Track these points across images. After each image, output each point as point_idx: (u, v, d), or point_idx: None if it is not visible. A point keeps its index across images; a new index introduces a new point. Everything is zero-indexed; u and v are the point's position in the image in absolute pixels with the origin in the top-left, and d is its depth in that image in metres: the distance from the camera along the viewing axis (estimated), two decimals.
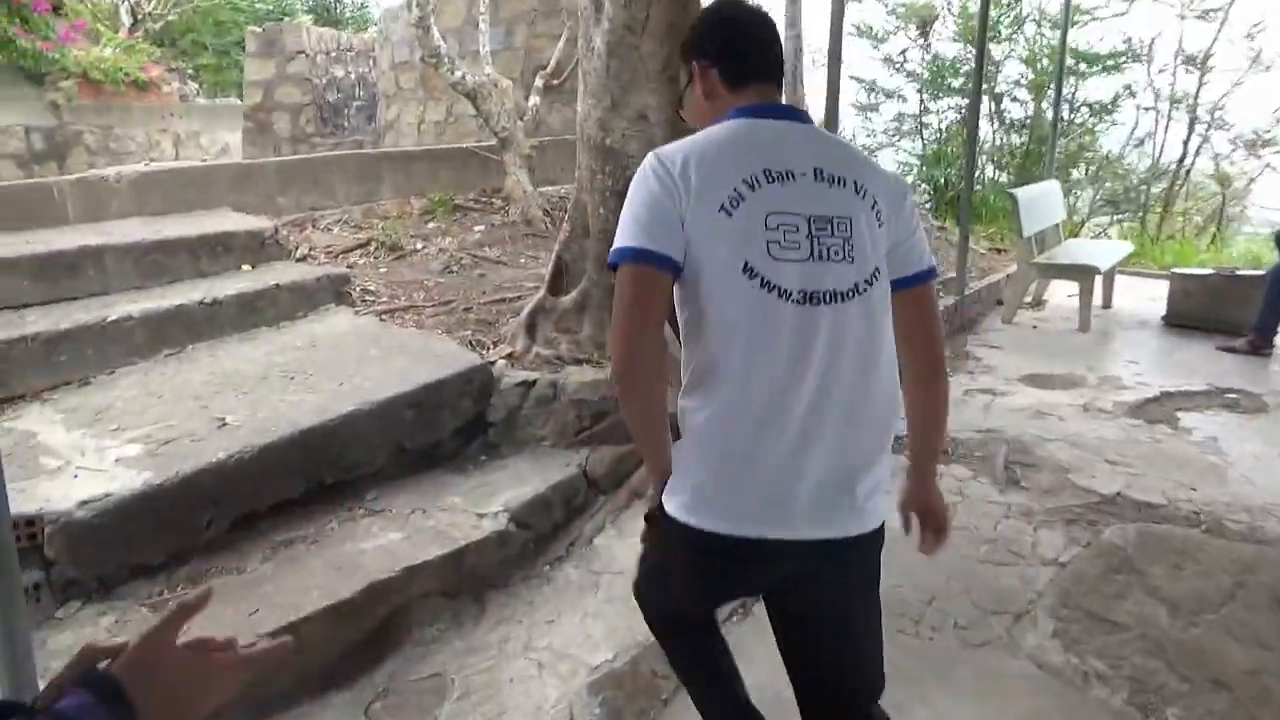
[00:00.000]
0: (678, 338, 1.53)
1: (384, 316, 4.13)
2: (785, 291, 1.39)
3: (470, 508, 3.10)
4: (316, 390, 3.35)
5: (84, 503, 2.61)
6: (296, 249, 4.90)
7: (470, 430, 3.53)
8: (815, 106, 6.24)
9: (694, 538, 1.46)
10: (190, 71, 12.43)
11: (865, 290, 1.44)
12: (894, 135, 12.28)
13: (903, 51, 11.92)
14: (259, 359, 3.71)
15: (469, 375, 3.54)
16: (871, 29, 11.90)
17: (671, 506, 1.49)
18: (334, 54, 9.03)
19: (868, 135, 12.48)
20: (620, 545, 3.20)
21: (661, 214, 1.41)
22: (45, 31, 10.46)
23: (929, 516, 1.68)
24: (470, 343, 3.90)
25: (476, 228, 5.47)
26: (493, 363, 3.70)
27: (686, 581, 1.65)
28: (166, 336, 3.78)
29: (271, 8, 14.93)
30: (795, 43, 6.27)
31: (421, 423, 3.32)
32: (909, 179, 11.05)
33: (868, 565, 1.57)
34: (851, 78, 12.08)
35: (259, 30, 8.48)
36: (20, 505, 2.59)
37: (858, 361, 1.44)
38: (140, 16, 12.59)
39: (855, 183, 1.48)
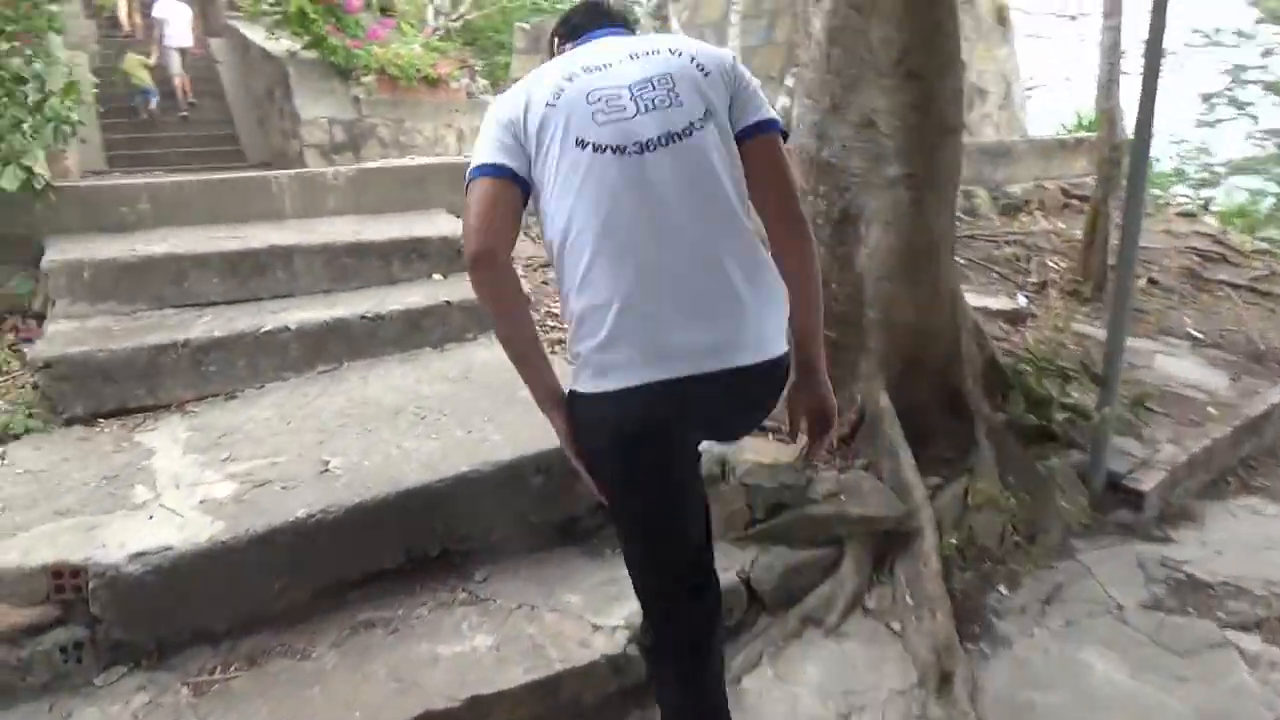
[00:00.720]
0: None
1: (557, 348, 3.59)
2: (616, 147, 1.56)
3: (587, 613, 2.45)
4: (440, 436, 2.85)
5: (137, 555, 2.26)
6: None
7: None
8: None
9: (609, 412, 1.57)
10: (482, 68, 12.87)
11: (699, 129, 1.59)
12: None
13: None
14: (405, 388, 3.29)
15: None
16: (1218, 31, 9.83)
17: (580, 389, 1.60)
18: None
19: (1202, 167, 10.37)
20: (778, 694, 2.42)
21: (505, 134, 1.61)
22: (354, 30, 11.18)
23: (819, 415, 1.72)
24: None
25: None
26: None
27: (629, 483, 1.65)
28: (323, 351, 3.47)
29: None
30: (1113, 36, 4.96)
31: (550, 493, 2.72)
32: None
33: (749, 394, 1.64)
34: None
35: (527, 26, 8.37)
36: (83, 547, 2.31)
37: (704, 195, 1.56)
38: (444, 15, 13.22)
39: (669, 49, 1.67)
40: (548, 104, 1.60)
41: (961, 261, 4.80)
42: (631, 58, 1.66)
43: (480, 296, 1.62)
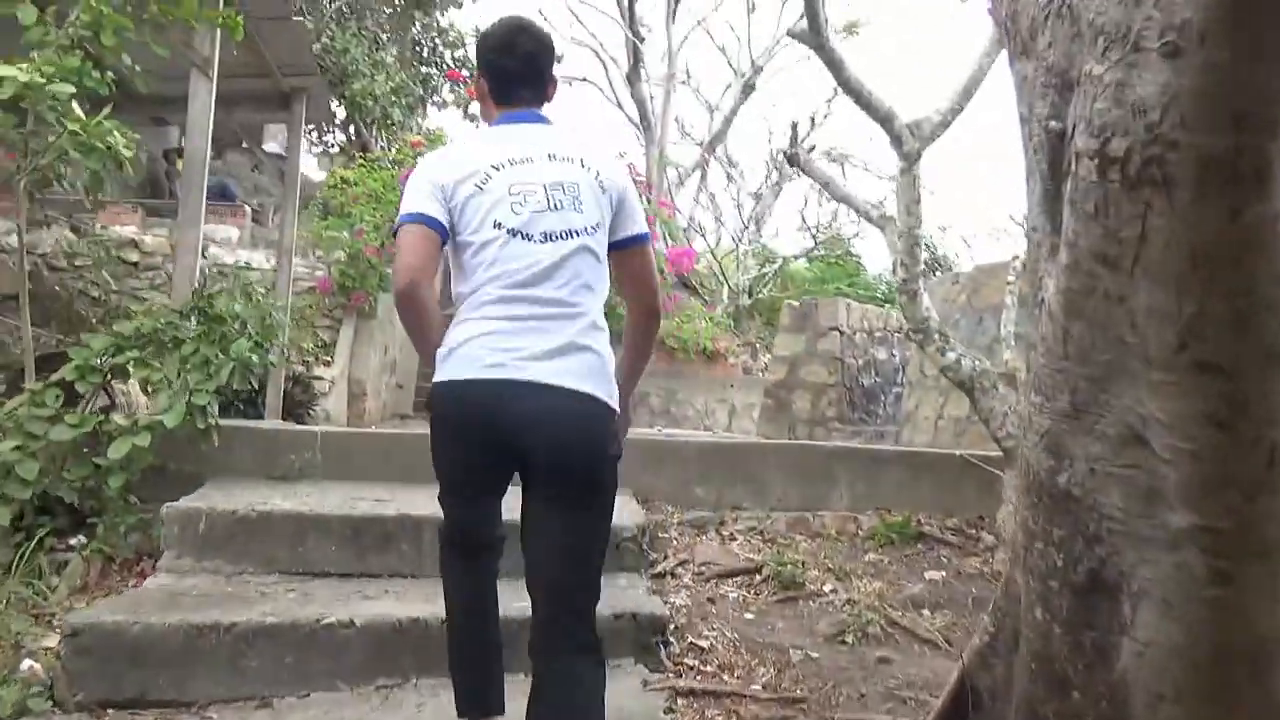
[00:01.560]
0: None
1: (681, 702, 2.62)
2: (524, 234, 2.02)
3: None
4: None
5: None
6: (665, 558, 3.69)
7: None
8: None
9: (437, 394, 2.06)
10: (761, 346, 12.69)
11: (593, 233, 2.07)
12: None
13: None
14: None
15: None
16: None
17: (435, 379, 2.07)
18: (878, 334, 8.08)
19: None
20: None
21: (435, 196, 2.05)
22: None
23: (621, 423, 2.14)
24: None
25: (928, 573, 3.68)
26: None
27: (443, 446, 2.13)
28: (388, 659, 2.76)
29: (855, 286, 14.88)
30: None
31: None
32: None
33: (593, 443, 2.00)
34: None
35: (795, 304, 7.93)
36: None
37: (579, 284, 2.03)
38: (741, 293, 13.40)
39: (581, 161, 2.12)
40: (476, 186, 2.04)
41: None
42: (550, 158, 2.09)
43: (404, 320, 2.11)
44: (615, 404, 2.04)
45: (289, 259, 7.59)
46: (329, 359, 10.13)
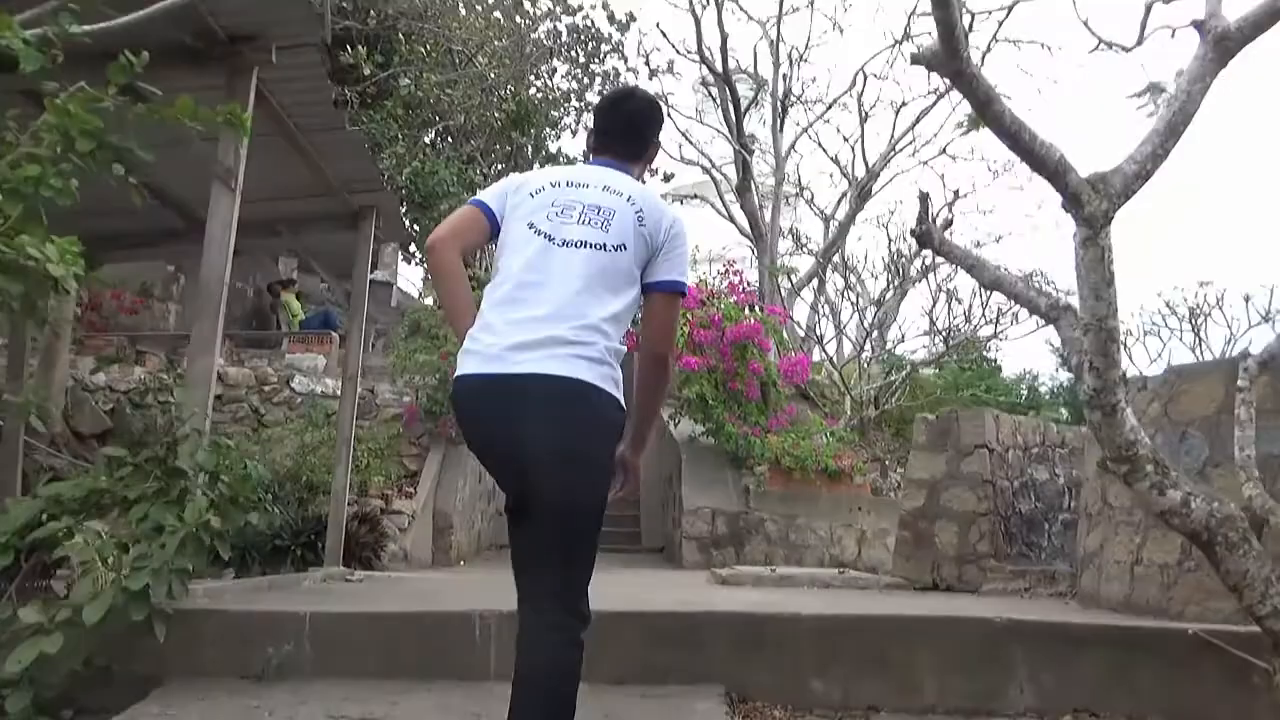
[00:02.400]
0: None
1: None
2: (548, 236, 2.23)
3: None
4: None
5: None
6: None
7: None
8: None
9: (457, 387, 2.21)
10: (891, 461, 11.27)
11: (614, 251, 2.22)
12: None
13: None
14: None
15: None
16: None
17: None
18: (1034, 449, 6.68)
19: None
20: None
21: (499, 192, 2.39)
22: (756, 417, 10.35)
23: (628, 469, 2.33)
24: None
25: None
26: None
27: (471, 440, 2.27)
28: None
29: (993, 392, 13.31)
30: None
31: None
32: None
33: (576, 408, 2.11)
34: None
35: (931, 418, 6.65)
36: None
37: (587, 285, 2.17)
38: (866, 405, 12.09)
39: (628, 196, 2.30)
40: (530, 193, 2.34)
41: None
42: (603, 189, 2.33)
43: (431, 270, 2.43)
44: (618, 394, 2.17)
45: (354, 386, 6.87)
46: (412, 489, 9.40)
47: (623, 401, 2.18)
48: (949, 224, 3.76)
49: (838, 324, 15.85)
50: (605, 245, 2.21)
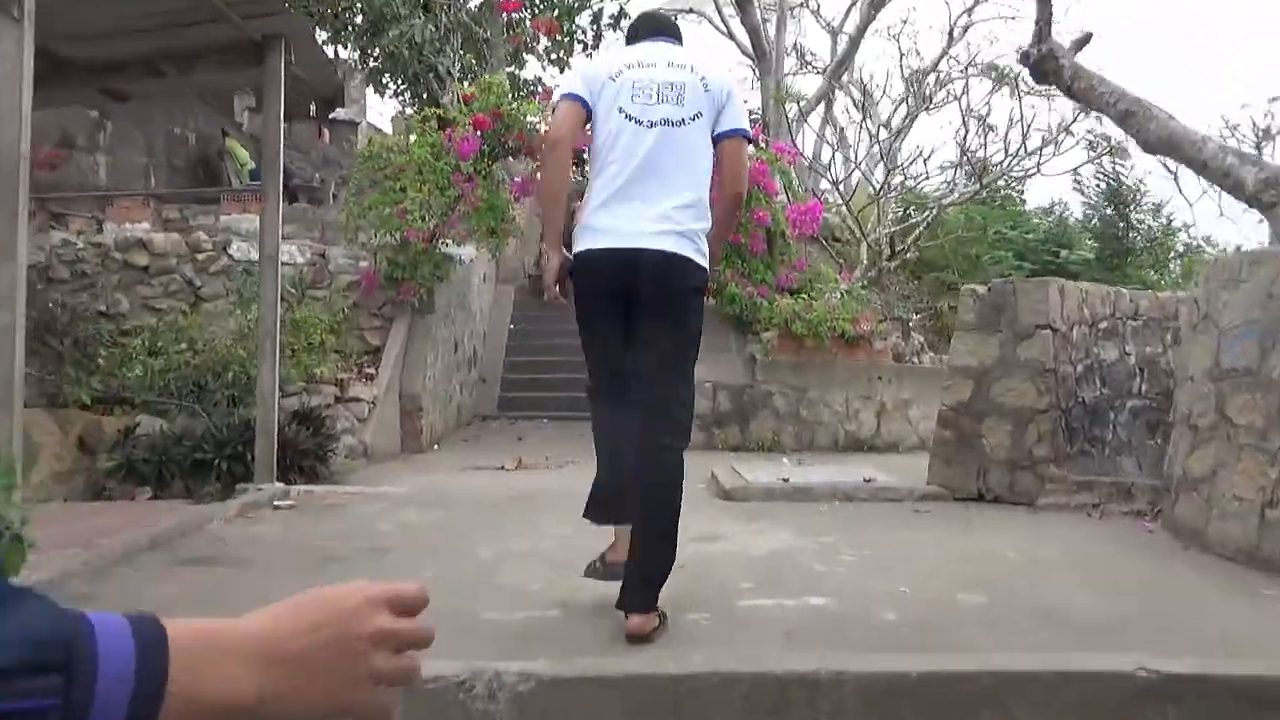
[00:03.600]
0: None
1: None
2: (638, 119, 2.80)
3: None
4: None
5: None
6: None
7: None
8: None
9: (585, 258, 2.82)
10: (918, 321, 10.10)
11: (689, 123, 2.81)
12: None
13: None
14: None
15: None
16: None
17: (575, 249, 2.87)
18: (1102, 325, 5.49)
19: None
20: None
21: (586, 83, 2.95)
22: (762, 274, 9.12)
23: (710, 265, 2.93)
24: None
25: None
26: None
27: (586, 306, 2.91)
28: None
29: (1020, 229, 11.94)
30: None
31: None
32: None
33: (679, 290, 2.81)
34: None
35: (981, 290, 5.42)
36: None
37: (678, 160, 2.80)
38: (874, 251, 10.79)
39: (691, 67, 2.87)
40: (610, 78, 2.88)
41: None
42: (668, 65, 2.89)
43: (546, 163, 3.23)
44: (700, 260, 2.83)
45: (274, 266, 5.64)
46: (374, 370, 8.32)
47: (705, 260, 2.86)
48: (1083, 42, 2.45)
49: (849, 156, 14.27)
50: (684, 120, 2.82)
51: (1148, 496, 4.68)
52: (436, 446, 8.76)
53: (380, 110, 17.59)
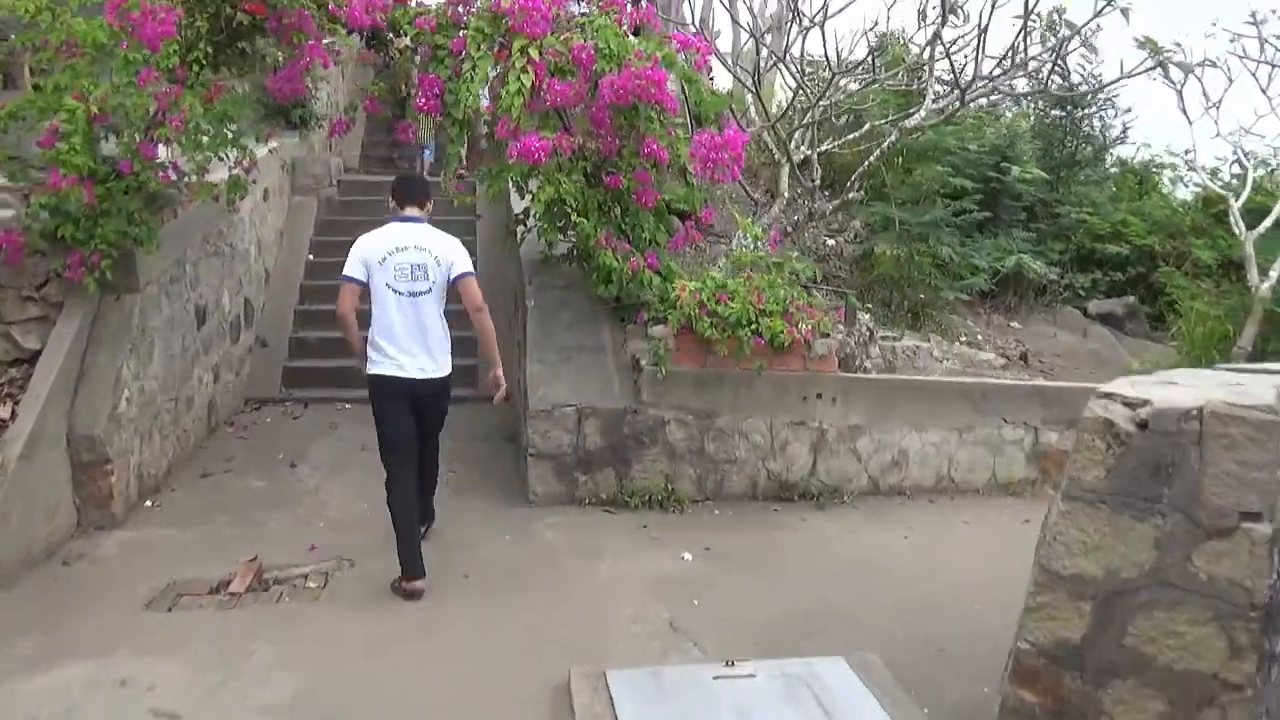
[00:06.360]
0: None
1: None
2: (399, 292, 4.34)
3: None
4: None
5: None
6: None
7: None
8: None
9: (379, 380, 4.38)
10: (858, 281, 7.30)
11: (432, 288, 4.40)
12: None
13: None
14: None
15: None
16: None
17: (371, 371, 4.40)
18: None
19: None
20: None
21: (363, 264, 4.38)
22: (653, 234, 6.13)
23: (493, 381, 4.60)
24: None
25: None
26: None
27: (383, 405, 4.43)
28: None
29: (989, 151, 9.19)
30: None
31: None
32: None
33: (441, 395, 4.60)
34: None
35: (1124, 417, 2.60)
36: None
37: (428, 317, 4.40)
38: (799, 175, 7.84)
39: (429, 249, 4.40)
40: (380, 260, 4.33)
41: None
42: (416, 249, 4.37)
43: (343, 325, 4.46)
44: (449, 368, 4.58)
45: None
46: (19, 391, 5.05)
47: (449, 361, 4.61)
48: None
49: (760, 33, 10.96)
50: (429, 289, 4.40)
51: None
52: (151, 502, 5.63)
53: None
